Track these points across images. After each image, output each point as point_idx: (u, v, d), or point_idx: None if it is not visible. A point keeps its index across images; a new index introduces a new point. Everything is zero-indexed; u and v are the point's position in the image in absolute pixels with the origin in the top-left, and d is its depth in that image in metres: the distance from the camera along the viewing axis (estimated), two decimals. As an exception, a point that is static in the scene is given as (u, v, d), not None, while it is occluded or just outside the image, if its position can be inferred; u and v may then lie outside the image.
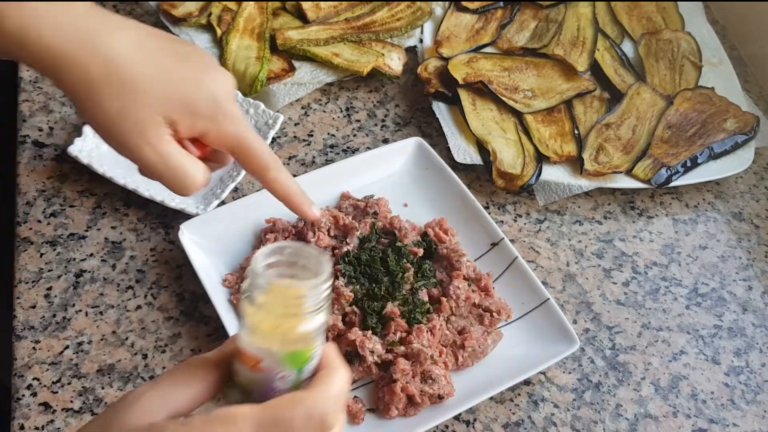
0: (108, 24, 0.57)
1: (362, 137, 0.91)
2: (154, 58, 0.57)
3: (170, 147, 0.58)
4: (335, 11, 1.00)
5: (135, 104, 0.56)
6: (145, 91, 0.56)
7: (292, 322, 0.43)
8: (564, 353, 0.71)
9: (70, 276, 0.76)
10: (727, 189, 0.92)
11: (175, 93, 0.57)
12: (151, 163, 0.58)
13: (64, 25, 0.55)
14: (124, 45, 0.56)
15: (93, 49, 0.55)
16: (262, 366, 0.44)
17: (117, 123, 0.56)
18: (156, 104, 0.56)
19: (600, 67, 0.98)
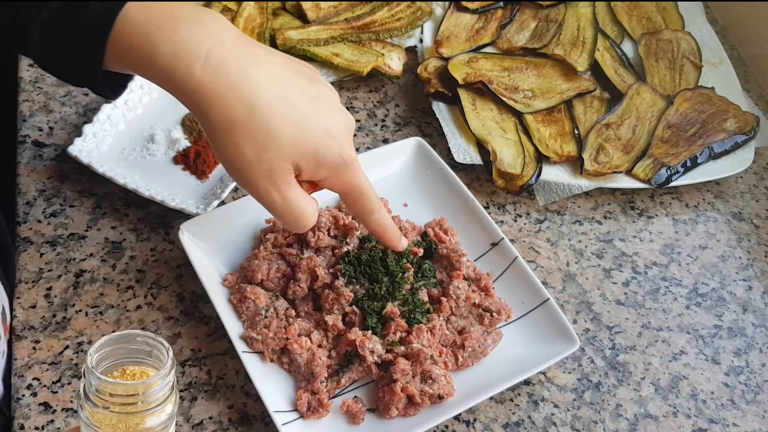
0: (251, 59, 0.59)
1: (362, 137, 0.91)
2: (293, 104, 0.60)
3: (294, 191, 0.61)
4: (335, 11, 1.00)
5: (270, 152, 0.59)
6: (281, 139, 0.59)
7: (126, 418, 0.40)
8: (564, 353, 0.71)
9: (70, 276, 0.76)
10: (727, 189, 0.92)
11: (306, 142, 0.60)
12: (276, 206, 0.61)
13: (215, 62, 0.57)
14: (268, 91, 0.59)
15: (239, 92, 0.58)
16: None
17: (251, 167, 0.59)
18: (288, 153, 0.60)
19: (600, 67, 0.98)
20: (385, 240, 0.72)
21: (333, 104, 0.64)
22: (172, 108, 0.88)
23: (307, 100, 0.61)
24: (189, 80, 0.57)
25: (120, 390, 0.40)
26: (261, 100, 0.58)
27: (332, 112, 0.63)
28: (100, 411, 0.40)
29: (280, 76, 0.61)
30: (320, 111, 0.62)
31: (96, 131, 0.84)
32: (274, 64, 0.61)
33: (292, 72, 0.63)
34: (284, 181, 0.60)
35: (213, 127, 0.59)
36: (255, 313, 0.71)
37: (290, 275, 0.74)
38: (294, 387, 0.69)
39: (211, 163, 0.84)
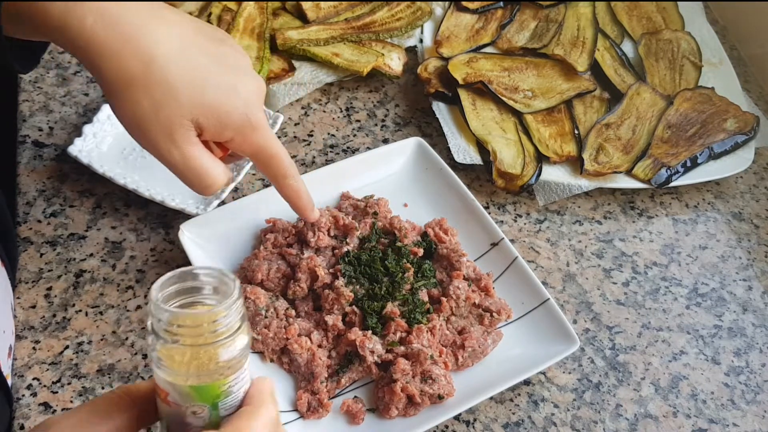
0: (156, 19, 0.57)
1: (362, 137, 0.91)
2: (194, 60, 0.58)
3: (195, 150, 0.59)
4: (335, 11, 1.00)
5: (168, 106, 0.57)
6: (180, 94, 0.57)
7: (198, 353, 0.39)
8: (564, 353, 0.71)
9: (70, 276, 0.76)
10: (727, 189, 0.92)
11: (208, 99, 0.58)
12: (177, 165, 0.59)
13: (112, 17, 0.55)
14: (167, 45, 0.57)
15: (135, 45, 0.55)
16: (170, 400, 0.41)
17: (148, 122, 0.57)
18: (188, 108, 0.58)
19: (600, 67, 0.98)
20: (299, 208, 0.71)
21: (241, 66, 0.62)
22: (172, 108, 0.88)
23: (212, 59, 0.60)
24: (81, 33, 0.54)
25: (189, 321, 0.39)
26: (159, 54, 0.56)
27: (239, 73, 0.61)
28: (171, 346, 0.39)
29: (184, 35, 0.59)
30: (225, 70, 0.60)
31: (96, 131, 0.84)
32: (179, 24, 0.59)
33: (199, 32, 0.60)
34: (184, 138, 0.58)
35: (109, 85, 0.56)
36: (255, 313, 0.71)
37: (290, 275, 0.74)
38: (294, 387, 0.69)
39: (211, 163, 0.84)
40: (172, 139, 0.58)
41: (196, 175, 0.60)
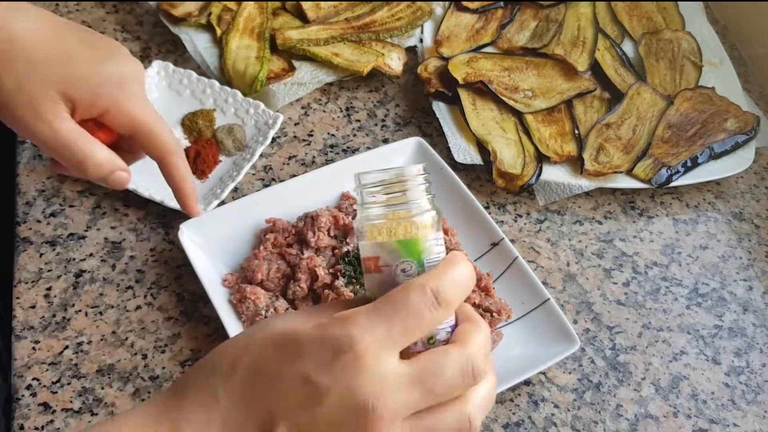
0: (23, 11, 0.58)
1: (362, 137, 0.91)
2: (55, 40, 0.58)
3: (64, 123, 0.58)
4: (335, 11, 1.00)
5: (31, 81, 0.56)
6: (41, 68, 0.57)
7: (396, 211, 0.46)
8: (564, 353, 0.71)
9: (69, 276, 0.76)
10: (728, 189, 0.92)
11: (74, 71, 0.58)
12: (44, 138, 0.58)
13: None
14: (27, 27, 0.57)
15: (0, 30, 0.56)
16: (380, 264, 0.46)
17: (13, 98, 0.57)
18: (52, 81, 0.57)
19: (600, 66, 0.98)
20: (183, 193, 0.67)
21: (117, 50, 0.61)
22: (172, 108, 0.88)
23: (83, 42, 0.59)
24: None
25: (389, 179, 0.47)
26: (24, 36, 0.56)
27: (114, 54, 0.60)
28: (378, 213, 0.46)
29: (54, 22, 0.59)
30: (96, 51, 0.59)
31: (96, 131, 0.84)
32: (49, 16, 0.59)
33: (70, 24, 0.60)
34: (52, 112, 0.57)
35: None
36: (255, 313, 0.71)
37: (290, 275, 0.74)
38: (294, 387, 0.69)
39: (211, 163, 0.84)
40: (38, 113, 0.57)
41: (70, 152, 0.59)
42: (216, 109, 0.89)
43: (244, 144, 0.86)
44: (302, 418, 0.41)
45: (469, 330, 0.44)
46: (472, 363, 0.43)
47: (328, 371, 0.41)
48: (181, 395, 0.44)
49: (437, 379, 0.42)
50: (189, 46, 0.94)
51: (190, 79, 0.90)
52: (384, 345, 0.41)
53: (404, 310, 0.42)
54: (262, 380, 0.42)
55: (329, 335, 0.41)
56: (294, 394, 0.41)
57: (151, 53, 0.95)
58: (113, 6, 1.00)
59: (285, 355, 0.42)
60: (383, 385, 0.41)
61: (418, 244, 0.46)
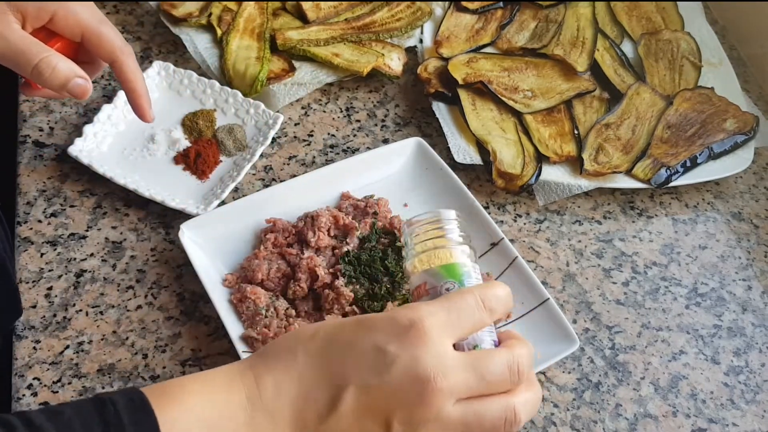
0: None
1: (362, 137, 0.92)
2: None
3: (15, 32, 0.60)
4: (335, 11, 1.00)
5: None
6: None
7: (436, 242, 0.56)
8: (564, 353, 0.71)
9: (70, 276, 0.76)
10: (727, 189, 0.92)
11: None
12: (3, 51, 0.60)
13: None
14: None
15: None
16: (428, 287, 0.54)
17: None
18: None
19: (600, 67, 0.98)
20: (134, 96, 0.70)
21: None
22: (173, 108, 0.89)
23: None
24: None
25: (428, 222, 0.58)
26: None
27: None
28: (423, 246, 0.57)
29: None
30: None
31: (96, 131, 0.84)
32: None
33: None
34: (2, 23, 0.59)
35: None
36: (255, 313, 0.71)
37: (290, 275, 0.74)
38: (294, 387, 0.69)
39: (211, 163, 0.84)
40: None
41: (22, 55, 0.61)
42: (216, 110, 0.89)
43: (245, 144, 0.86)
44: (371, 381, 0.47)
45: (514, 342, 0.51)
46: (518, 362, 0.49)
47: (397, 342, 0.47)
48: (265, 356, 0.50)
49: (488, 368, 0.48)
50: (189, 46, 0.94)
51: (191, 79, 0.90)
52: (444, 328, 0.48)
53: (459, 305, 0.49)
54: (338, 346, 0.49)
55: (400, 315, 0.48)
56: (366, 360, 0.47)
57: (151, 54, 0.96)
58: (114, 6, 1.00)
59: (361, 328, 0.49)
60: (444, 362, 0.47)
61: (458, 268, 0.55)
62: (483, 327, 0.51)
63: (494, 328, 0.53)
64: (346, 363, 0.48)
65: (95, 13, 0.65)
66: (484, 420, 0.48)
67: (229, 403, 0.48)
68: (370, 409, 0.47)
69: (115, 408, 0.45)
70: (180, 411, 0.46)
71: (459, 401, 0.47)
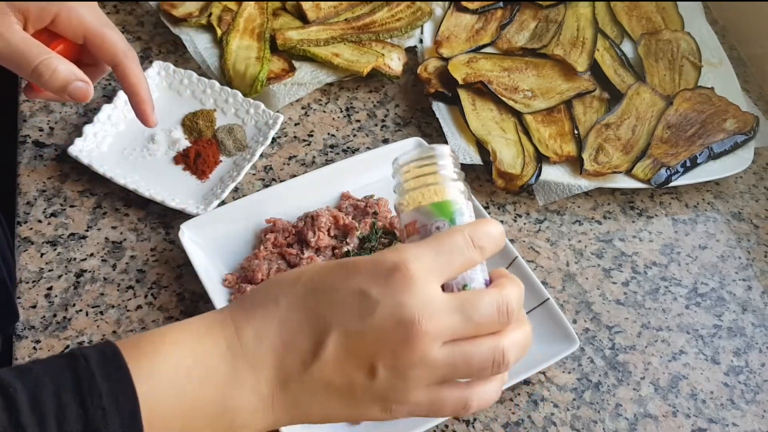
0: None
1: (362, 137, 0.92)
2: None
3: (16, 33, 0.60)
4: (335, 11, 1.00)
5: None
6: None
7: (427, 179, 0.53)
8: (564, 353, 0.71)
9: (70, 276, 0.76)
10: (727, 189, 0.92)
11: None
12: (2, 53, 0.60)
13: None
14: None
15: None
16: (418, 226, 0.52)
17: None
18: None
19: (600, 67, 0.98)
20: (136, 102, 0.69)
21: None
22: (173, 108, 0.89)
23: None
24: None
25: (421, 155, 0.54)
26: None
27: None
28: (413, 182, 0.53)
29: None
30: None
31: (96, 131, 0.84)
32: None
33: None
34: (3, 24, 0.59)
35: None
36: (255, 312, 0.71)
37: (290, 275, 0.74)
38: (294, 387, 0.69)
39: (211, 163, 0.84)
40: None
41: (22, 57, 0.60)
42: (216, 110, 0.89)
43: (245, 144, 0.86)
44: (354, 325, 0.46)
45: (505, 281, 0.49)
46: (507, 302, 0.48)
47: (381, 286, 0.46)
48: (245, 303, 0.49)
49: (475, 309, 0.47)
50: (189, 46, 0.94)
51: (191, 79, 0.90)
52: (431, 271, 0.47)
53: (447, 246, 0.48)
54: (321, 291, 0.47)
55: (384, 258, 0.47)
56: (349, 304, 0.46)
57: (151, 54, 0.96)
58: (114, 6, 1.00)
59: (344, 272, 0.48)
60: (430, 304, 0.46)
61: (450, 206, 0.52)
62: (473, 266, 0.49)
63: (485, 266, 0.52)
64: (329, 308, 0.47)
65: (98, 16, 0.64)
66: (472, 361, 0.47)
67: (208, 352, 0.47)
68: (354, 354, 0.46)
69: (87, 362, 0.43)
70: (156, 362, 0.45)
71: (446, 344, 0.46)
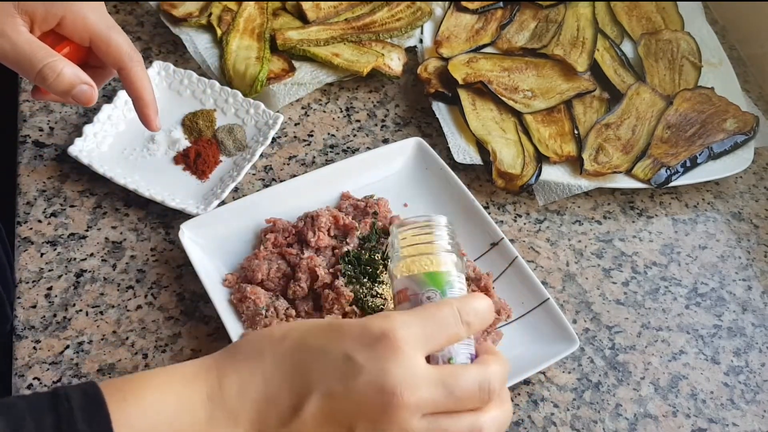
0: None
1: (362, 137, 0.92)
2: None
3: (22, 36, 0.60)
4: (335, 11, 1.00)
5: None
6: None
7: (422, 248, 0.54)
8: (564, 353, 0.71)
9: (70, 276, 0.76)
10: (727, 189, 0.92)
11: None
12: (4, 52, 0.60)
13: None
14: None
15: None
16: (409, 294, 0.53)
17: None
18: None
19: (600, 67, 0.98)
20: (141, 106, 0.69)
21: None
22: (173, 108, 0.89)
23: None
24: None
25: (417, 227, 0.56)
26: None
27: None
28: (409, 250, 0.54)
29: None
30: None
31: (96, 131, 0.84)
32: None
33: None
34: (9, 25, 0.59)
35: None
36: (255, 312, 0.71)
37: (290, 275, 0.74)
38: (294, 387, 0.69)
39: (212, 163, 0.84)
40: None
41: (27, 59, 0.61)
42: (216, 110, 0.89)
43: (245, 144, 0.86)
44: (335, 388, 0.46)
45: (490, 358, 0.50)
46: (489, 380, 0.48)
47: (367, 352, 0.46)
48: (232, 353, 0.50)
49: (458, 384, 0.47)
50: (189, 46, 0.94)
51: (191, 79, 0.90)
52: (417, 342, 0.47)
53: (435, 318, 0.48)
54: (307, 350, 0.48)
55: (373, 324, 0.47)
56: (333, 367, 0.47)
57: (151, 54, 0.96)
58: (114, 6, 1.00)
59: (332, 334, 0.48)
60: (412, 376, 0.46)
61: (442, 277, 0.53)
62: (458, 340, 0.50)
63: (473, 340, 0.53)
64: (313, 368, 0.47)
65: (105, 18, 0.64)
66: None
67: (189, 399, 0.47)
68: (333, 418, 0.46)
69: (69, 403, 0.44)
70: (137, 407, 0.46)
71: (425, 416, 0.47)
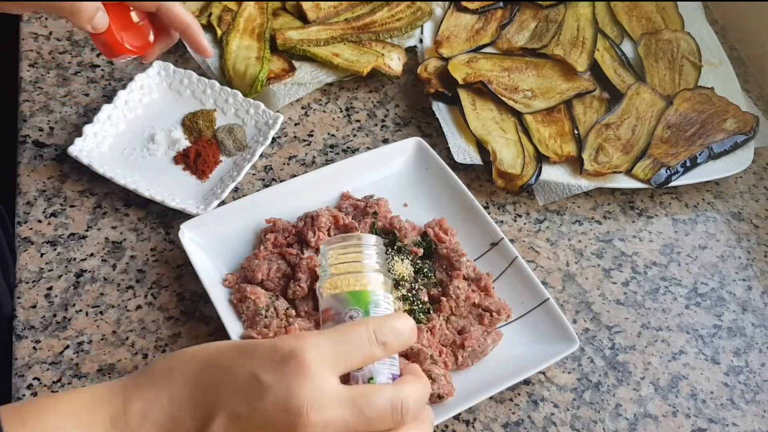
0: None
1: (362, 137, 0.92)
2: None
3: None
4: (335, 11, 1.00)
5: None
6: None
7: (349, 267, 0.54)
8: (563, 353, 0.71)
9: (70, 276, 0.76)
10: (727, 189, 0.93)
11: None
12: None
13: None
14: None
15: None
16: (332, 313, 0.53)
17: None
18: None
19: (600, 67, 0.98)
20: (191, 33, 0.72)
21: None
22: (173, 108, 0.89)
23: None
24: None
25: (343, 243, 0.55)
26: None
27: None
28: (335, 268, 0.54)
29: None
30: None
31: (96, 131, 0.84)
32: None
33: None
34: None
35: None
36: (255, 312, 0.71)
37: (290, 275, 0.74)
38: (294, 387, 0.69)
39: (211, 163, 0.84)
40: None
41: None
42: (216, 110, 0.89)
43: (245, 144, 0.86)
44: (241, 409, 0.46)
45: (409, 379, 0.50)
46: (402, 401, 0.47)
47: (274, 372, 0.46)
48: (140, 375, 0.49)
49: (369, 404, 0.46)
50: (189, 46, 0.94)
51: (191, 79, 0.90)
52: (327, 362, 0.46)
53: (348, 338, 0.48)
54: (215, 370, 0.48)
55: (282, 344, 0.47)
56: (240, 386, 0.46)
57: (151, 53, 0.96)
58: (114, 6, 1.00)
59: (241, 354, 0.48)
60: (320, 396, 0.45)
61: (367, 296, 0.53)
62: (374, 360, 0.49)
63: (397, 360, 0.52)
64: (220, 389, 0.46)
65: None
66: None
67: (90, 423, 0.46)
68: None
69: None
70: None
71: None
